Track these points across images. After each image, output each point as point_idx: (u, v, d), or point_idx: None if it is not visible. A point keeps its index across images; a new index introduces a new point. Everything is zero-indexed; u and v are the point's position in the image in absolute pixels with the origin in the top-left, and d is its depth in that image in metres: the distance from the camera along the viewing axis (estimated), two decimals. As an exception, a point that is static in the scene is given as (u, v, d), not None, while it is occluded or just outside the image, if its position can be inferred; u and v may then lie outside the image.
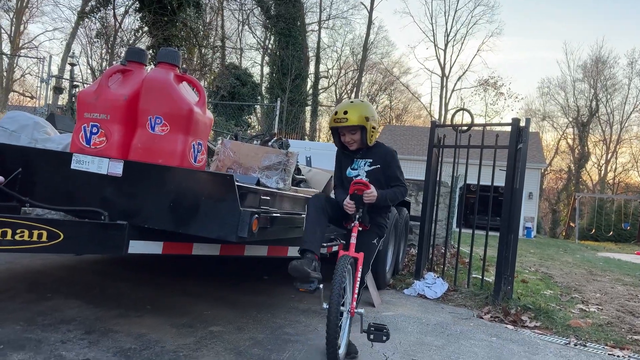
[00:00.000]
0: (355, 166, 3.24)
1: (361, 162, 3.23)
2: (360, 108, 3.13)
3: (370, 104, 3.27)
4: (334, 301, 2.69)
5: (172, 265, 5.47)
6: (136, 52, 3.19)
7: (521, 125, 5.48)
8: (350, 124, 3.09)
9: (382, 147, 3.29)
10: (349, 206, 3.04)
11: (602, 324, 4.83)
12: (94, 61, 16.94)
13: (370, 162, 3.21)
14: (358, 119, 3.08)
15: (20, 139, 3.39)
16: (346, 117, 3.09)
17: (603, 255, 15.89)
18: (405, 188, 3.22)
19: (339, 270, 2.76)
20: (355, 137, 3.17)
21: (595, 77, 39.37)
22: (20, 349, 2.60)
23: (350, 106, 3.14)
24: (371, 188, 3.00)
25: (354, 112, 3.09)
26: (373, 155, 3.23)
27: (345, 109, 3.11)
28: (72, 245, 2.59)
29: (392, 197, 3.14)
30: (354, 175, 3.21)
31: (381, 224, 3.26)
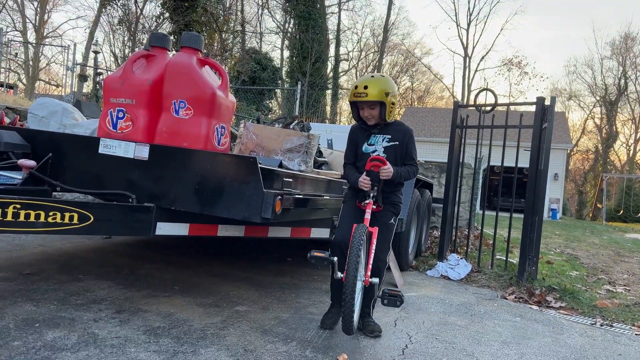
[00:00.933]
0: (373, 142, 3.20)
1: (379, 138, 3.19)
2: (381, 82, 3.08)
3: (391, 79, 3.21)
4: (350, 269, 2.69)
5: (198, 247, 5.58)
6: (159, 37, 3.23)
7: (546, 104, 5.38)
8: (370, 99, 3.05)
9: (402, 125, 3.27)
10: (364, 182, 3.04)
11: (629, 304, 4.77)
12: (117, 48, 17.15)
13: (388, 138, 3.18)
14: (378, 94, 3.04)
15: (50, 125, 3.48)
16: (366, 92, 3.04)
17: (631, 236, 15.59)
18: (417, 168, 3.24)
19: (355, 239, 2.77)
20: (374, 112, 3.13)
21: (624, 54, 38.25)
22: (55, 327, 2.70)
23: (371, 80, 3.08)
24: (388, 164, 3.00)
25: (374, 86, 3.04)
26: (392, 131, 3.20)
27: (366, 84, 3.06)
28: (101, 227, 2.68)
29: (406, 176, 3.15)
30: (371, 151, 3.18)
31: (395, 202, 3.25)
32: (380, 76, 3.15)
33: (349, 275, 2.71)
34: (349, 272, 2.71)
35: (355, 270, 2.71)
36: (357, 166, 3.24)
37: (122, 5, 16.15)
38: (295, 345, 2.83)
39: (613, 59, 38.85)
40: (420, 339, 3.19)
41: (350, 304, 2.70)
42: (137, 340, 2.64)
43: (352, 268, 2.71)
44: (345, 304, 2.71)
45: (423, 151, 22.68)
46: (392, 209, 3.22)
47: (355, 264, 2.71)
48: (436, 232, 7.74)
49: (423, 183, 6.36)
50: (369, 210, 3.03)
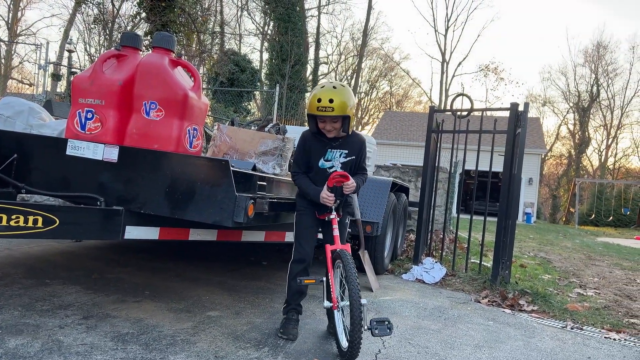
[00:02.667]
0: (330, 157, 3.05)
1: (336, 153, 3.05)
2: (345, 95, 2.88)
3: (349, 89, 2.98)
4: (355, 297, 2.59)
5: (170, 251, 5.49)
6: (131, 36, 3.17)
7: (520, 110, 5.46)
8: (336, 113, 2.85)
9: (357, 136, 3.14)
10: (328, 199, 2.92)
11: (599, 307, 4.85)
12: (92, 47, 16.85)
13: (346, 153, 3.06)
14: (344, 108, 2.86)
15: (16, 125, 3.38)
16: (332, 107, 2.83)
17: (602, 240, 15.93)
18: (367, 175, 3.22)
19: (350, 266, 2.70)
20: (336, 126, 2.97)
21: (597, 62, 39.21)
22: (18, 334, 2.61)
23: (336, 93, 2.85)
24: (350, 179, 2.92)
25: (339, 100, 2.84)
26: (349, 145, 3.07)
27: (331, 96, 2.83)
28: (68, 230, 2.60)
29: (360, 186, 3.11)
30: (328, 167, 3.05)
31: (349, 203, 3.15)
32: (342, 86, 2.92)
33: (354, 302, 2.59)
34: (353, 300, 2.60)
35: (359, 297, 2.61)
36: (312, 179, 3.08)
37: (97, 4, 15.88)
38: (267, 351, 2.79)
39: (586, 66, 39.82)
40: (394, 343, 3.18)
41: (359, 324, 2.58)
42: (103, 347, 2.57)
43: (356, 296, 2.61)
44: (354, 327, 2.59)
45: (400, 155, 22.87)
46: (347, 210, 3.16)
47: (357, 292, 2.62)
48: (412, 236, 7.77)
49: (399, 187, 6.38)
50: (335, 226, 2.94)
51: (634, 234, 21.17)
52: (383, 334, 2.65)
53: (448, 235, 7.73)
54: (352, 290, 2.63)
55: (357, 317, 2.57)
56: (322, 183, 3.00)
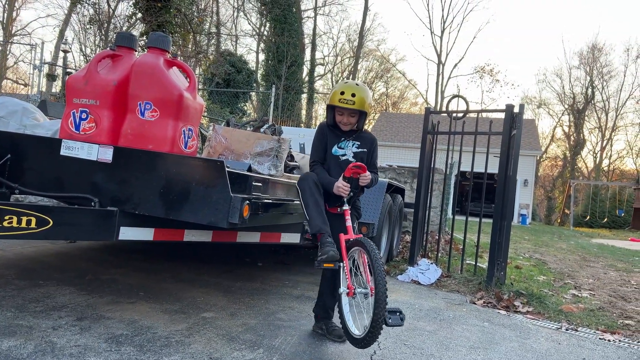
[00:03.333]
0: (343, 145, 3.18)
1: (349, 143, 3.19)
2: (366, 93, 3.09)
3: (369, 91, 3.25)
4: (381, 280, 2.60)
5: (165, 252, 5.47)
6: (126, 37, 3.15)
7: (515, 111, 5.47)
8: (356, 107, 3.04)
9: (369, 134, 3.31)
10: (344, 189, 2.97)
11: (593, 309, 4.86)
12: (88, 48, 16.79)
13: (358, 144, 3.20)
14: (363, 103, 3.05)
15: (9, 125, 3.36)
16: (353, 100, 3.03)
17: (597, 241, 15.99)
18: (377, 176, 3.26)
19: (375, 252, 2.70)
20: (352, 120, 3.14)
21: (591, 64, 39.36)
22: (11, 336, 2.59)
23: (358, 89, 3.07)
24: (367, 171, 3.00)
25: (360, 96, 3.04)
26: (362, 139, 3.23)
27: (354, 91, 3.04)
28: (61, 231, 2.59)
29: (375, 184, 3.17)
30: (340, 154, 3.17)
31: (357, 207, 3.30)
32: (364, 84, 3.16)
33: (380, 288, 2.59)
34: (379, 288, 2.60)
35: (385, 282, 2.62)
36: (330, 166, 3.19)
37: (93, 4, 15.82)
38: (262, 352, 2.78)
39: (581, 68, 39.95)
40: (389, 344, 3.18)
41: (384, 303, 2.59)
42: (97, 349, 2.55)
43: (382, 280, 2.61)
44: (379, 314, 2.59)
45: (396, 156, 22.88)
46: (355, 213, 3.23)
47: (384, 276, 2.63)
48: (408, 237, 7.77)
49: (395, 188, 6.39)
50: (348, 217, 2.99)
51: (629, 235, 21.27)
52: (396, 324, 2.67)
53: (443, 237, 7.73)
54: (379, 275, 2.63)
55: (383, 300, 2.58)
56: (334, 171, 3.12)
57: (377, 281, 2.63)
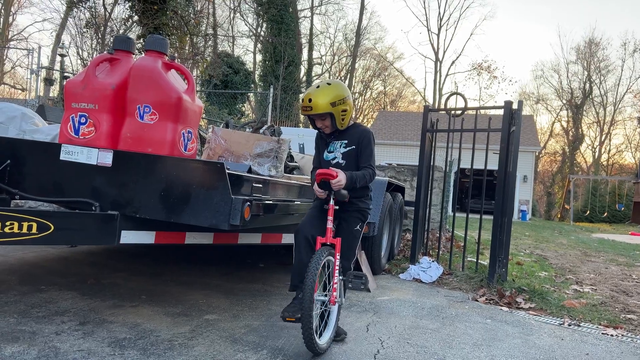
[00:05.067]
0: (332, 149, 3.13)
1: (337, 144, 3.12)
2: (326, 93, 2.95)
3: (341, 84, 3.07)
4: (307, 289, 2.64)
5: (166, 255, 5.47)
6: (123, 40, 3.15)
7: (514, 107, 5.47)
8: (315, 112, 2.95)
9: (358, 128, 3.17)
10: (319, 193, 2.95)
11: (595, 304, 4.87)
12: (85, 51, 16.75)
13: (345, 143, 3.10)
14: (323, 106, 2.93)
15: (8, 131, 3.35)
16: (310, 106, 2.93)
17: (597, 236, 16.00)
18: (373, 171, 3.09)
19: (314, 261, 2.72)
20: (325, 123, 3.05)
21: (589, 59, 39.40)
22: (14, 342, 2.59)
23: (315, 93, 2.95)
24: (337, 176, 2.86)
25: (318, 99, 2.93)
26: (348, 136, 3.11)
27: (310, 96, 2.94)
28: (62, 236, 2.59)
29: (361, 180, 3.00)
30: (331, 158, 3.12)
31: (362, 209, 3.16)
32: (326, 84, 3.00)
33: (305, 296, 2.65)
34: (305, 293, 2.65)
35: (312, 290, 2.64)
36: None
37: (89, 7, 15.80)
38: (265, 353, 2.78)
39: (578, 63, 39.99)
40: (392, 343, 3.18)
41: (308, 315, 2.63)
42: (101, 353, 2.55)
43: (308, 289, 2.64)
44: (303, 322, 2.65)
45: (395, 154, 22.91)
46: (360, 216, 3.14)
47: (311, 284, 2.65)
48: (409, 235, 7.77)
49: (395, 186, 6.39)
50: (330, 217, 2.92)
51: (629, 229, 21.28)
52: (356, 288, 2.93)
53: (444, 234, 7.74)
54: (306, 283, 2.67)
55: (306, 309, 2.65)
56: None
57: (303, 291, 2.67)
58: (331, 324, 2.98)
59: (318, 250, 2.80)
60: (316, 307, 2.77)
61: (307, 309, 2.63)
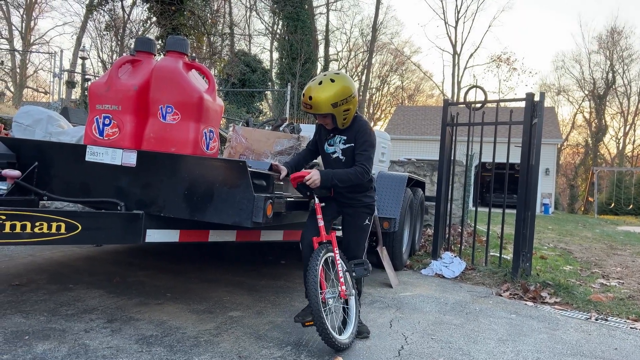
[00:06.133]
0: (332, 142, 3.07)
1: (337, 139, 3.05)
2: (328, 91, 2.81)
3: (345, 79, 2.90)
4: (311, 290, 2.67)
5: (190, 252, 5.53)
6: (144, 41, 3.19)
7: (535, 100, 5.39)
8: (315, 112, 2.87)
9: (356, 123, 3.03)
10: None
11: (623, 297, 4.78)
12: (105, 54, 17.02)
13: (344, 139, 3.03)
14: (324, 106, 2.83)
15: (35, 133, 3.43)
16: (310, 104, 2.84)
17: (623, 229, 15.68)
18: (363, 169, 2.91)
19: (312, 262, 2.73)
20: (327, 121, 2.99)
21: (611, 48, 38.49)
22: (45, 339, 2.66)
23: (317, 90, 2.83)
24: (308, 174, 2.82)
25: (319, 97, 2.81)
26: (348, 132, 3.02)
27: (310, 93, 2.83)
28: (90, 236, 2.64)
29: (344, 179, 2.89)
30: (331, 151, 3.07)
31: (368, 203, 3.12)
32: (329, 81, 2.84)
33: (311, 300, 2.67)
34: (310, 297, 2.68)
35: (316, 292, 2.66)
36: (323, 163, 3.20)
37: (108, 10, 16.02)
38: (290, 349, 2.80)
39: (600, 53, 39.10)
40: (416, 339, 3.17)
41: (319, 315, 2.65)
42: (129, 350, 2.60)
43: (312, 293, 2.67)
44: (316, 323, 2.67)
45: (414, 149, 22.75)
46: (366, 210, 3.12)
47: (314, 288, 2.67)
48: (430, 231, 7.73)
49: (415, 182, 6.35)
50: (319, 216, 2.90)
51: (656, 221, 20.79)
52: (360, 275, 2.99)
53: (466, 229, 7.67)
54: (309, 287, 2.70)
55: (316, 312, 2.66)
56: (329, 167, 3.07)
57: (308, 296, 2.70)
58: (351, 318, 2.98)
59: (314, 251, 2.81)
60: (327, 304, 2.79)
61: (316, 309, 2.65)
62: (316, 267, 2.72)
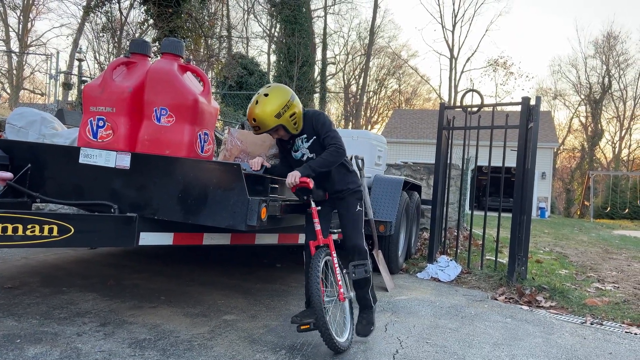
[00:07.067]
0: (296, 148, 3.10)
1: (299, 142, 3.08)
2: (267, 105, 2.85)
3: (279, 88, 2.95)
4: (314, 295, 2.66)
5: (185, 255, 5.51)
6: (139, 43, 3.18)
7: (531, 104, 5.40)
8: (265, 129, 2.90)
9: (308, 118, 3.06)
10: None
11: (618, 302, 4.78)
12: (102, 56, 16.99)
13: (305, 137, 3.06)
14: (269, 121, 2.86)
15: (29, 135, 3.41)
16: (257, 125, 2.88)
17: (619, 233, 15.72)
18: (337, 146, 2.95)
19: (313, 268, 2.72)
20: (280, 133, 3.01)
21: (607, 53, 38.64)
22: (36, 343, 2.63)
23: (257, 109, 2.86)
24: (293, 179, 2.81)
25: (262, 114, 2.85)
26: (305, 129, 3.05)
27: (253, 115, 2.86)
28: (83, 238, 2.62)
29: (324, 163, 2.91)
30: (300, 156, 3.09)
31: (354, 190, 3.14)
32: (264, 96, 2.87)
33: (315, 306, 2.66)
34: (314, 303, 2.66)
35: (320, 299, 2.66)
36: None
37: (105, 12, 16.00)
38: (284, 353, 2.78)
39: (597, 57, 39.24)
40: (411, 343, 3.16)
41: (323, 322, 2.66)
42: (121, 354, 2.58)
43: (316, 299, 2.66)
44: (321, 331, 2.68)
45: (411, 153, 22.75)
46: (356, 196, 3.15)
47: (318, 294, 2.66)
48: (426, 234, 7.72)
49: (411, 185, 6.35)
50: (316, 220, 2.90)
51: (651, 225, 20.84)
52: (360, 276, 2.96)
53: (462, 233, 7.67)
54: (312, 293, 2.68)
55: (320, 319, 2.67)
56: None
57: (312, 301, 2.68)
58: (348, 321, 2.98)
59: (314, 256, 2.80)
60: (328, 309, 2.79)
61: (321, 316, 2.65)
62: (318, 271, 2.71)
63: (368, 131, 8.75)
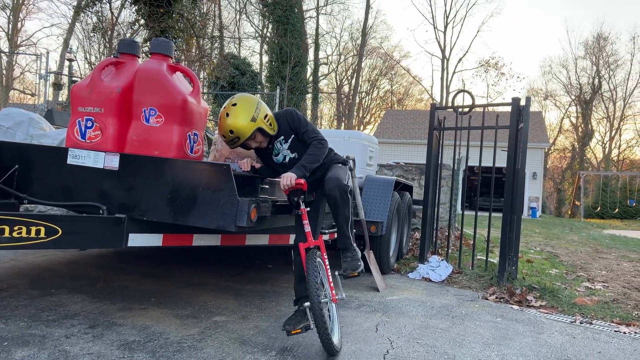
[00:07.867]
0: (277, 151, 3.10)
1: (277, 144, 3.08)
2: (239, 114, 2.86)
3: (243, 96, 2.98)
4: (314, 300, 2.65)
5: (174, 257, 5.48)
6: (128, 43, 3.16)
7: (521, 104, 5.43)
8: (245, 137, 2.90)
9: (282, 118, 3.08)
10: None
11: (607, 301, 4.81)
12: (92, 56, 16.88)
13: (283, 138, 3.07)
14: (247, 127, 2.87)
15: (16, 136, 3.38)
16: (237, 136, 2.88)
17: (609, 232, 15.85)
18: (319, 140, 2.98)
19: (311, 274, 2.71)
20: (258, 139, 3.00)
21: (597, 53, 38.97)
22: (24, 345, 2.61)
23: (230, 121, 2.86)
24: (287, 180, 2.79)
25: (237, 124, 2.85)
26: (281, 130, 3.06)
27: (230, 128, 2.87)
28: (71, 240, 2.60)
29: (314, 159, 2.94)
30: (282, 159, 3.10)
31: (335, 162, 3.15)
32: (232, 106, 2.90)
33: (314, 306, 2.65)
34: (313, 303, 2.66)
35: (319, 300, 2.66)
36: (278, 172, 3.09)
37: (96, 12, 15.91)
38: (274, 355, 2.78)
39: (587, 58, 39.56)
40: (402, 343, 3.16)
41: (322, 322, 2.66)
42: (110, 356, 2.56)
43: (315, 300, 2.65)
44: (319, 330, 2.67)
45: (403, 153, 22.81)
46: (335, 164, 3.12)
47: (317, 294, 2.66)
48: (417, 234, 7.74)
49: (403, 185, 6.36)
50: (306, 222, 2.87)
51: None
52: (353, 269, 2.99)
53: (453, 233, 7.70)
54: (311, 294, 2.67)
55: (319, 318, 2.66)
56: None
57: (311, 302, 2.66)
58: (336, 322, 2.97)
59: (308, 260, 2.79)
60: (324, 312, 2.78)
61: (320, 321, 2.65)
62: (316, 275, 2.71)
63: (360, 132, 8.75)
